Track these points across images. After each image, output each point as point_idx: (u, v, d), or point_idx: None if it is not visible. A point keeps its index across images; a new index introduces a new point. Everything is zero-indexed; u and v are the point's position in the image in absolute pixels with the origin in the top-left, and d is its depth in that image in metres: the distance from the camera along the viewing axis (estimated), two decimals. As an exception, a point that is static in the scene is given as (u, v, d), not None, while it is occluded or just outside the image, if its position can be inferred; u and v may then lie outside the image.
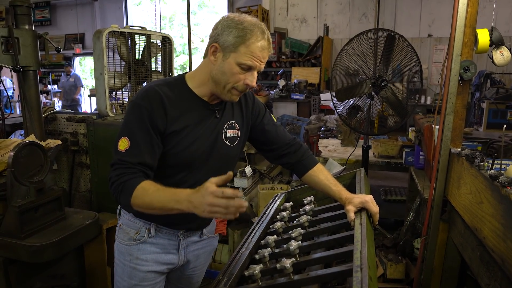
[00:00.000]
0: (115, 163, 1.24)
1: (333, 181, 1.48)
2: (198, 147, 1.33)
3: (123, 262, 1.43)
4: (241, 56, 1.22)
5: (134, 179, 1.20)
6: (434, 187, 2.03)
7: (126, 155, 1.23)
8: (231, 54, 1.23)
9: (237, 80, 1.26)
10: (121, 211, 1.47)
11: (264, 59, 1.27)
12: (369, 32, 2.94)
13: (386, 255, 2.67)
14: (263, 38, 1.24)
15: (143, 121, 1.24)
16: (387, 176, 4.98)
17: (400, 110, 3.05)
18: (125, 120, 1.29)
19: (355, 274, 0.91)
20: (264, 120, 1.53)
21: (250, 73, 1.27)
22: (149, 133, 1.24)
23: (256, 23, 1.25)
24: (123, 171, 1.21)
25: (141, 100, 1.26)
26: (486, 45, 1.88)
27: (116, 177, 1.21)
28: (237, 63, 1.23)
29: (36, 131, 2.52)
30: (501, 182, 1.34)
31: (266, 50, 1.25)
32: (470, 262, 1.67)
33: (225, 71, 1.25)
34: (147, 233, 1.40)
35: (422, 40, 7.81)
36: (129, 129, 1.25)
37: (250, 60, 1.23)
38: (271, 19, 8.78)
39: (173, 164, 1.32)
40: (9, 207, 1.84)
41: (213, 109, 1.37)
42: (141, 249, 1.40)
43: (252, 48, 1.22)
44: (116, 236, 1.46)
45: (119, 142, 1.25)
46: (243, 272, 1.14)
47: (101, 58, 2.53)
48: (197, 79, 1.35)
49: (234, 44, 1.22)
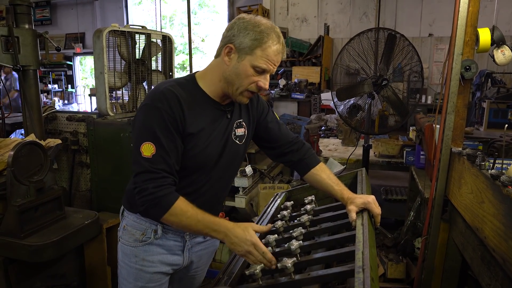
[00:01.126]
0: (144, 171, 1.20)
1: (335, 180, 1.48)
2: (212, 149, 1.33)
3: (128, 264, 1.41)
4: (256, 59, 1.22)
5: (171, 194, 1.20)
6: (435, 187, 2.03)
7: (154, 161, 1.20)
8: (246, 57, 1.23)
9: (250, 82, 1.26)
10: (124, 212, 1.45)
11: (277, 63, 1.27)
12: (370, 31, 2.93)
13: (386, 254, 2.66)
14: (278, 42, 1.25)
15: (165, 124, 1.21)
16: (387, 175, 4.97)
17: (401, 110, 3.04)
18: (144, 124, 1.23)
19: (357, 275, 0.91)
20: (268, 117, 1.53)
21: (264, 76, 1.27)
22: (173, 136, 1.23)
23: (272, 26, 1.25)
24: (159, 183, 1.19)
25: (158, 102, 1.22)
26: (487, 44, 1.88)
27: (153, 189, 1.18)
28: (252, 66, 1.23)
29: (36, 131, 2.52)
30: (502, 181, 1.33)
31: (280, 54, 1.26)
32: (471, 262, 1.67)
33: (239, 73, 1.25)
34: (153, 234, 1.38)
35: (423, 40, 7.80)
36: (152, 133, 1.21)
37: (265, 64, 1.23)
38: (271, 19, 8.76)
39: (187, 166, 1.31)
40: (9, 206, 1.84)
41: (225, 109, 1.37)
42: (147, 250, 1.39)
43: (268, 52, 1.22)
44: (120, 238, 1.45)
45: (142, 147, 1.20)
46: (243, 271, 1.14)
47: (101, 57, 2.53)
48: (209, 79, 1.33)
49: (250, 46, 1.22)
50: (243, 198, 2.76)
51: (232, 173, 1.49)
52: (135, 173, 1.21)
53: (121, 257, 1.45)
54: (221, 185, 1.44)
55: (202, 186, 1.37)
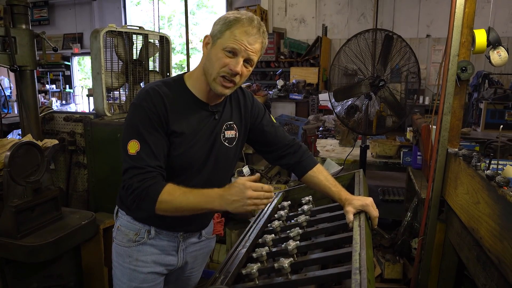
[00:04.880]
0: (129, 167, 1.22)
1: (333, 181, 1.48)
2: (198, 149, 1.32)
3: (122, 264, 1.41)
4: (225, 41, 1.22)
5: (156, 184, 1.20)
6: (431, 187, 2.03)
7: (138, 158, 1.21)
8: (217, 41, 1.24)
9: (221, 65, 1.23)
10: (118, 213, 1.45)
11: (250, 46, 1.23)
12: (367, 32, 2.93)
13: (383, 255, 2.67)
14: (250, 25, 1.23)
15: (149, 121, 1.23)
16: (385, 176, 4.99)
17: (398, 110, 3.05)
18: (130, 122, 1.26)
19: (354, 276, 0.91)
20: (264, 121, 1.52)
21: (235, 59, 1.23)
22: (157, 133, 1.24)
23: (246, 13, 1.26)
24: (144, 177, 1.19)
25: (143, 101, 1.25)
26: (483, 46, 1.89)
27: (138, 184, 1.18)
28: (222, 48, 1.23)
29: (33, 131, 2.51)
30: (497, 182, 1.34)
31: (252, 36, 1.22)
32: (467, 262, 1.67)
33: (211, 58, 1.25)
34: (146, 234, 1.39)
35: (421, 41, 7.82)
36: (137, 131, 1.23)
37: (233, 43, 1.21)
38: (269, 19, 8.78)
39: (172, 166, 1.31)
40: (6, 207, 1.84)
41: (212, 110, 1.36)
42: (140, 250, 1.39)
43: (236, 32, 1.22)
44: (114, 238, 1.45)
45: (128, 145, 1.22)
46: (240, 271, 1.14)
47: (98, 58, 2.52)
48: (194, 76, 1.34)
49: (220, 30, 1.23)
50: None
51: (223, 176, 1.46)
52: (123, 171, 1.23)
53: (115, 257, 1.44)
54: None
55: None
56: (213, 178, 1.40)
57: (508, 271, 1.23)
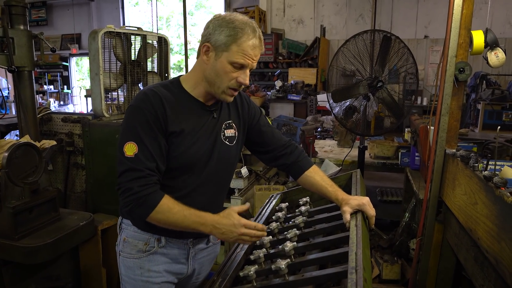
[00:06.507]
0: (127, 170, 1.20)
1: (329, 182, 1.48)
2: (199, 149, 1.32)
3: (133, 278, 1.37)
4: (233, 55, 1.23)
5: (156, 193, 1.20)
6: (429, 188, 2.04)
7: (137, 160, 1.20)
8: (223, 54, 1.24)
9: (230, 79, 1.26)
10: (122, 224, 1.41)
11: (256, 57, 1.27)
12: (365, 33, 2.94)
13: (381, 255, 2.67)
14: (254, 37, 1.24)
15: (147, 123, 1.22)
16: (383, 177, 4.99)
17: (396, 111, 3.06)
18: (127, 124, 1.25)
19: (350, 276, 0.91)
20: (260, 121, 1.53)
21: (243, 71, 1.27)
22: (156, 135, 1.23)
23: (247, 21, 1.25)
24: (145, 182, 1.19)
25: (141, 103, 1.24)
26: (481, 47, 1.89)
27: (139, 188, 1.18)
28: (230, 62, 1.24)
29: (31, 132, 2.51)
30: (495, 183, 1.34)
31: (257, 48, 1.26)
32: (465, 263, 1.68)
33: (218, 71, 1.26)
34: (157, 243, 1.35)
35: (419, 41, 7.84)
36: (135, 133, 1.22)
37: (242, 59, 1.23)
38: (268, 20, 8.79)
39: (174, 167, 1.30)
40: (3, 208, 1.83)
41: (210, 109, 1.37)
42: (152, 260, 1.35)
43: (244, 47, 1.22)
44: (120, 252, 1.40)
45: (125, 147, 1.21)
46: (238, 273, 1.14)
47: (96, 59, 2.52)
48: (192, 80, 1.34)
49: (225, 43, 1.23)
50: (239, 199, 2.77)
51: (226, 177, 1.47)
52: (119, 173, 1.22)
53: (124, 271, 1.39)
54: (215, 190, 1.42)
55: (194, 189, 1.35)
56: (217, 179, 1.40)
57: (505, 272, 1.23)
